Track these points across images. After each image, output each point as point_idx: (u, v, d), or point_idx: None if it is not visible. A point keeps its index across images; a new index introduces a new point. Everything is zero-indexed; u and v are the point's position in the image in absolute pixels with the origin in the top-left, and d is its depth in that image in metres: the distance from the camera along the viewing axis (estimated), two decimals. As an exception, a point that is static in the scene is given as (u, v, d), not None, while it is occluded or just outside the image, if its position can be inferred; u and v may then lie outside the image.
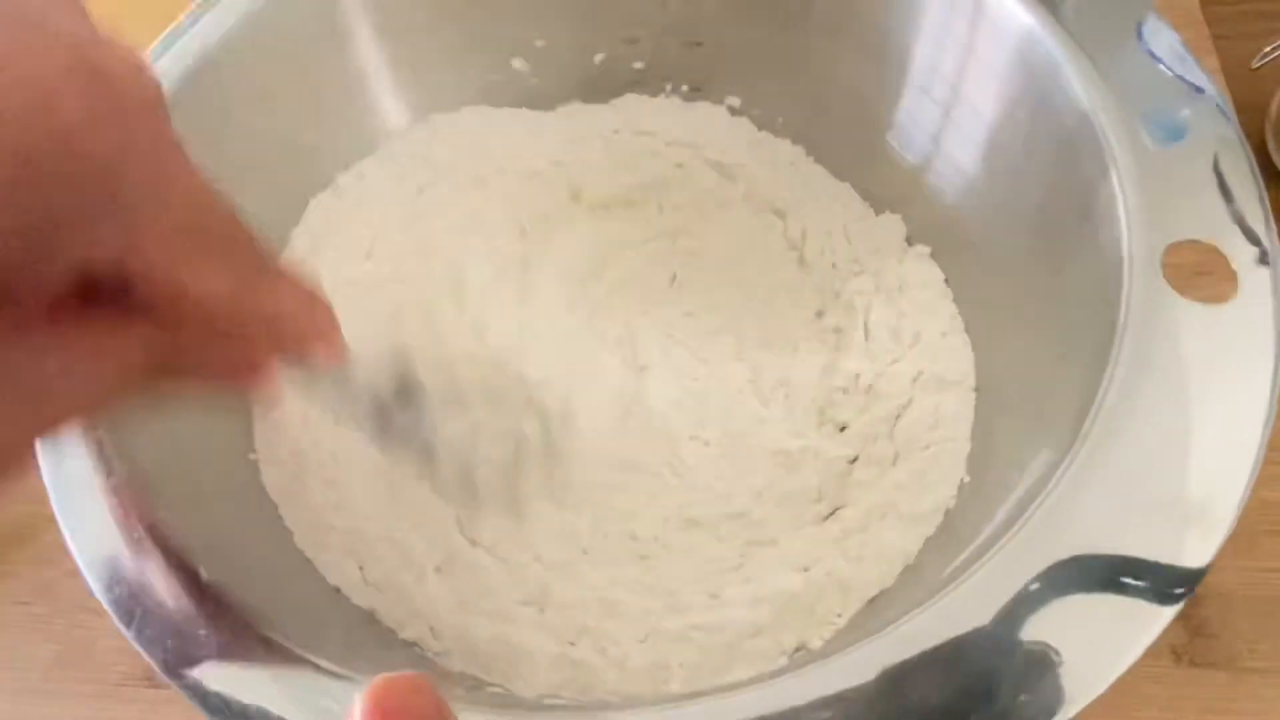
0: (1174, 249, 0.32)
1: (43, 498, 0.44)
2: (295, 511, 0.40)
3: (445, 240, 0.47)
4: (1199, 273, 0.32)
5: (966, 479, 0.38)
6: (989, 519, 0.32)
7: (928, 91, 0.44)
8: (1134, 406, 0.30)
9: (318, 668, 0.28)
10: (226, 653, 0.29)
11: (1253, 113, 0.49)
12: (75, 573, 0.42)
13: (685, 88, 0.51)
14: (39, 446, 0.32)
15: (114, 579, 0.30)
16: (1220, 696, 0.37)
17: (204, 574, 0.30)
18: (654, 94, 0.51)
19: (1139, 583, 0.27)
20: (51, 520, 0.44)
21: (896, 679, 0.26)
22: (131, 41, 0.19)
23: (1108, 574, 0.27)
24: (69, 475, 0.33)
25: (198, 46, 0.42)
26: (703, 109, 0.51)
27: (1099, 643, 0.26)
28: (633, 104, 0.51)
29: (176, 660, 0.29)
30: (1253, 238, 0.32)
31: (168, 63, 0.41)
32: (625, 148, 0.49)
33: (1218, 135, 0.35)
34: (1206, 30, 0.53)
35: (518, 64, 0.50)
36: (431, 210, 0.48)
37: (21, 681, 0.41)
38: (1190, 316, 0.31)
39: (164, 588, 0.30)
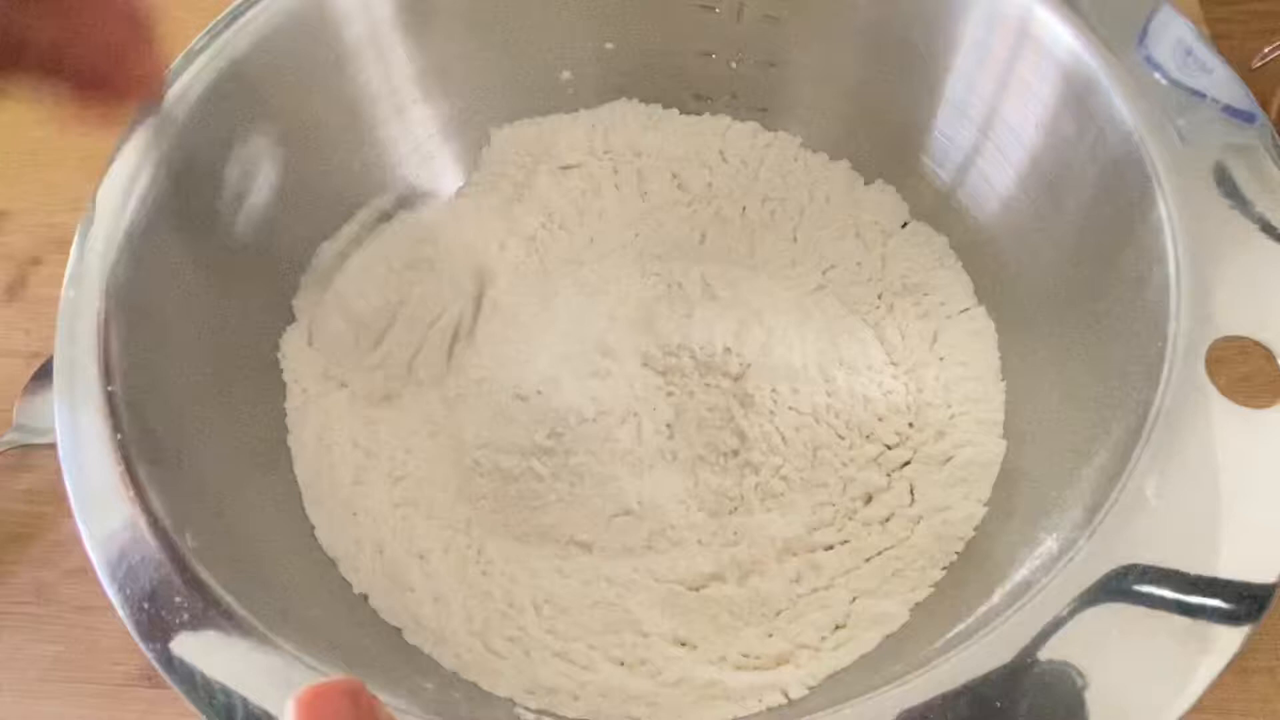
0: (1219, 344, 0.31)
1: (43, 499, 0.45)
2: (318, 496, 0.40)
3: None
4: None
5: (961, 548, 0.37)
6: (985, 597, 0.31)
7: (964, 111, 0.43)
8: (1159, 498, 0.28)
9: (284, 650, 0.28)
10: (199, 624, 0.29)
11: (1253, 113, 0.49)
12: (75, 573, 0.43)
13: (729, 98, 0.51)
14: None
15: (108, 536, 0.30)
16: (1222, 696, 0.37)
17: (189, 540, 0.31)
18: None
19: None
20: (52, 521, 0.44)
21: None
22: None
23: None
24: (79, 426, 0.32)
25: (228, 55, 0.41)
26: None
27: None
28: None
29: (150, 624, 0.29)
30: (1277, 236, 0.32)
31: (205, 60, 0.41)
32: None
33: (1221, 142, 0.34)
34: (1207, 30, 0.53)
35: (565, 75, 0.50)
36: None
37: (22, 681, 0.41)
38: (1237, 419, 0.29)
39: (148, 550, 0.30)
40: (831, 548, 0.38)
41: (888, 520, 0.39)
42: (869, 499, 0.39)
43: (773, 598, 0.37)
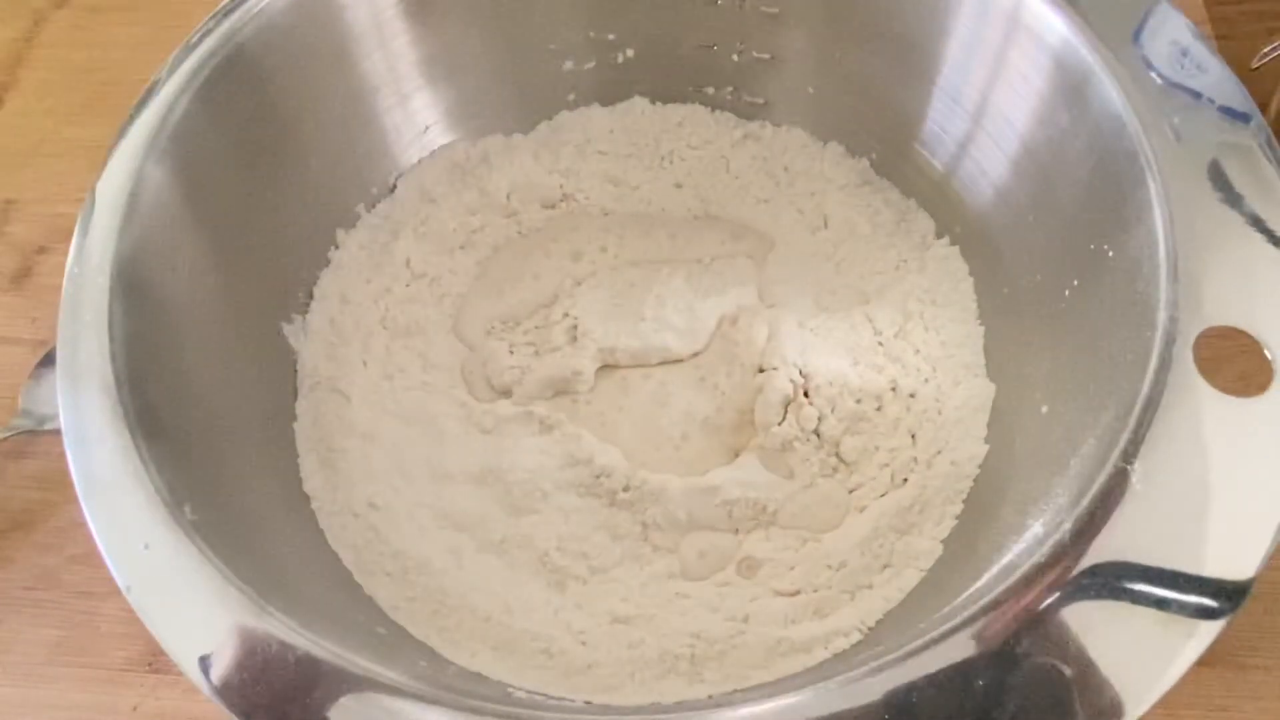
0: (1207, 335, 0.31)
1: (47, 486, 0.45)
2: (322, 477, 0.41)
3: None
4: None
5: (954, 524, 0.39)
6: (974, 579, 0.31)
7: (957, 100, 0.44)
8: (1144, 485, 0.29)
9: (279, 622, 0.29)
10: (195, 595, 0.29)
11: (1254, 112, 0.49)
12: (78, 559, 0.43)
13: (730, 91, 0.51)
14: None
15: (109, 510, 0.31)
16: (1218, 694, 0.37)
17: (188, 513, 0.31)
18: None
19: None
20: (55, 507, 0.45)
21: (902, 701, 0.26)
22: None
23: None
24: (82, 404, 0.33)
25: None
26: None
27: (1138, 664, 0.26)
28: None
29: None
30: (1275, 239, 0.32)
31: (209, 45, 0.41)
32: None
33: (1216, 140, 0.34)
34: (1210, 30, 0.53)
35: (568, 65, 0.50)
36: None
37: (24, 666, 0.41)
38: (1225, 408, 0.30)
39: (147, 523, 0.30)
40: (865, 508, 0.40)
41: (910, 472, 0.41)
42: (891, 451, 0.41)
43: (834, 552, 0.39)
